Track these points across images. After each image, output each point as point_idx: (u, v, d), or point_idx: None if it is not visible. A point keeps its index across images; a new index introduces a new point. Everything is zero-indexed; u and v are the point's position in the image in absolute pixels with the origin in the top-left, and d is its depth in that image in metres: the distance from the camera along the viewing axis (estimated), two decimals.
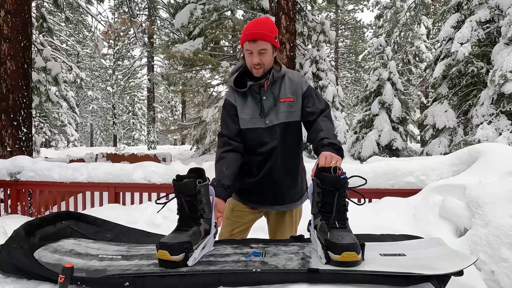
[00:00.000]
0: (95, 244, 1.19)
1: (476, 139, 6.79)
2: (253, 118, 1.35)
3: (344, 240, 0.90)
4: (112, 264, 1.01)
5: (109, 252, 1.12)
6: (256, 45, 1.26)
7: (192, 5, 7.56)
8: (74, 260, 1.05)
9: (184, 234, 0.99)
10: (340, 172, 0.99)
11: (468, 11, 8.23)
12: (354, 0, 22.41)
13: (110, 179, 3.47)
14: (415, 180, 2.99)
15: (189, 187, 1.02)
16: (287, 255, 1.03)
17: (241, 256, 1.04)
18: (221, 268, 0.95)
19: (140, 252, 1.12)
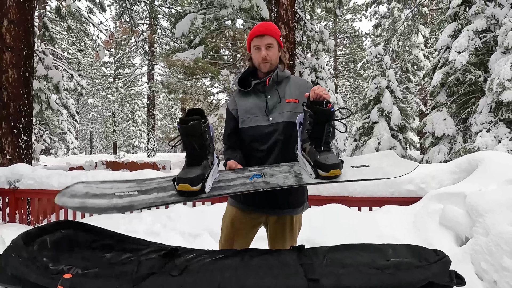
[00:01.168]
0: (105, 184, 1.23)
1: (476, 147, 6.80)
2: (255, 116, 1.38)
3: (330, 160, 1.11)
4: (135, 199, 1.09)
5: (123, 189, 1.19)
6: (264, 39, 1.35)
7: (192, 15, 7.67)
8: (97, 201, 1.11)
9: (197, 169, 1.12)
10: (331, 106, 1.13)
11: (465, 20, 8.36)
12: (352, 10, 22.76)
13: None
14: (415, 188, 2.98)
15: (196, 129, 1.11)
16: (282, 175, 1.21)
17: (245, 179, 1.20)
18: (235, 190, 1.13)
19: (152, 186, 1.20)
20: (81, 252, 1.22)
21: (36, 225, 3.58)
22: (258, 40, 1.36)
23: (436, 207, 2.46)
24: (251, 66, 1.46)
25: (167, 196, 1.11)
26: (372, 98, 10.13)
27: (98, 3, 6.73)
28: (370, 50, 10.45)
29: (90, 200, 1.13)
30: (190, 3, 12.87)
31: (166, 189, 1.16)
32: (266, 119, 1.37)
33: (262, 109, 1.38)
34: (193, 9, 8.09)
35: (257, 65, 1.41)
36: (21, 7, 4.86)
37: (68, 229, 1.26)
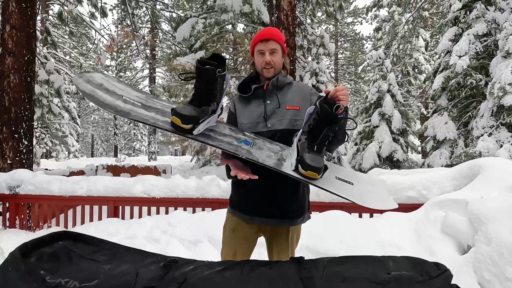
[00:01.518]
0: (119, 84, 1.33)
1: (477, 151, 6.78)
2: (254, 122, 1.37)
3: (313, 163, 1.11)
4: (134, 109, 1.19)
5: (131, 96, 1.27)
6: (268, 44, 1.35)
7: (193, 19, 7.71)
8: (104, 95, 1.21)
9: (196, 110, 1.16)
10: (340, 111, 1.11)
11: (465, 24, 8.37)
12: (353, 13, 22.83)
13: (110, 192, 3.45)
14: (417, 195, 2.96)
15: (209, 74, 1.13)
16: (268, 152, 1.23)
17: (234, 140, 1.25)
18: (217, 145, 1.20)
19: (156, 106, 1.27)
20: (79, 264, 1.20)
21: (36, 230, 3.57)
22: (262, 45, 1.36)
23: (437, 214, 2.44)
24: (254, 72, 1.45)
25: (161, 120, 1.18)
26: (373, 101, 10.12)
27: (100, 8, 6.78)
28: (371, 54, 10.46)
29: (99, 92, 1.23)
30: (192, 7, 12.94)
31: (165, 114, 1.22)
32: (264, 125, 1.35)
33: (261, 114, 1.36)
34: (194, 14, 8.13)
35: (259, 70, 1.39)
36: (24, 12, 4.89)
37: (67, 240, 1.25)
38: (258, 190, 1.37)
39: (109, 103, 1.18)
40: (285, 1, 5.44)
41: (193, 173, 8.45)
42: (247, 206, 1.42)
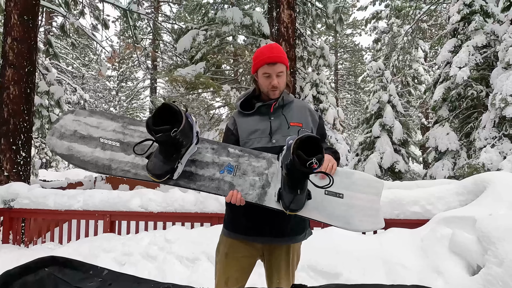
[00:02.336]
0: (92, 119, 1.29)
1: (480, 163, 6.69)
2: (258, 137, 1.35)
3: (290, 204, 1.10)
4: (114, 157, 1.21)
5: (108, 133, 1.26)
6: (275, 67, 1.34)
7: (194, 31, 7.77)
8: (81, 148, 1.22)
9: (166, 163, 1.14)
10: (315, 166, 1.02)
11: (465, 36, 8.42)
12: (352, 25, 23.11)
13: (107, 206, 3.37)
14: (421, 210, 2.88)
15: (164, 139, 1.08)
16: (253, 177, 1.22)
17: (216, 171, 1.24)
18: (198, 187, 1.20)
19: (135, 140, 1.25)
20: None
21: (30, 246, 3.48)
22: (269, 68, 1.33)
23: (444, 232, 2.35)
24: (257, 90, 1.43)
25: (141, 166, 1.19)
26: (373, 112, 10.11)
27: (102, 21, 6.84)
28: (371, 65, 10.52)
29: (76, 145, 1.23)
30: (193, 19, 13.12)
31: (144, 150, 1.19)
32: (268, 141, 1.34)
33: (266, 131, 1.35)
34: (195, 26, 8.21)
35: (265, 92, 1.39)
36: (25, 25, 4.92)
37: (54, 266, 1.17)
38: (254, 207, 1.29)
39: (89, 159, 1.20)
40: (285, 13, 5.50)
41: None
42: (243, 225, 1.35)
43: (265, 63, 1.33)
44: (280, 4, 5.38)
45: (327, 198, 1.20)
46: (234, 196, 1.17)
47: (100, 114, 1.32)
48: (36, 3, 5.10)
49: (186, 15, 15.30)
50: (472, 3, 8.15)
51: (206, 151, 1.28)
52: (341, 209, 1.19)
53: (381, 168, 9.27)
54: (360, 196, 1.21)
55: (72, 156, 1.21)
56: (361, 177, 1.26)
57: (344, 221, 1.17)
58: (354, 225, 1.17)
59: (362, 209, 1.19)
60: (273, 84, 1.34)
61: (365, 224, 1.18)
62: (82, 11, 7.00)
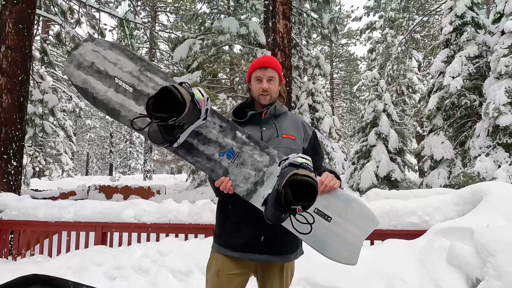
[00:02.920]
0: (112, 53, 1.24)
1: (475, 171, 6.72)
2: None
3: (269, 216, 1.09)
4: (125, 103, 1.18)
5: (125, 74, 1.22)
6: (266, 71, 1.35)
7: (191, 40, 7.81)
8: (96, 83, 1.19)
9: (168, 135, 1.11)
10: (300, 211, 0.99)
11: (457, 46, 8.57)
12: (347, 35, 23.49)
13: (99, 218, 3.29)
14: (418, 220, 2.85)
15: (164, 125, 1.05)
16: (249, 171, 1.18)
17: (216, 152, 1.19)
18: (194, 161, 1.18)
19: (149, 88, 1.21)
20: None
21: (18, 259, 3.36)
22: (260, 72, 1.36)
23: (442, 243, 2.32)
24: (250, 98, 1.44)
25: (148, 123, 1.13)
26: (369, 121, 10.17)
27: (98, 29, 6.85)
28: (366, 74, 10.63)
29: (92, 80, 1.20)
30: (190, 28, 13.22)
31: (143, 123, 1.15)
32: None
33: None
34: (191, 35, 8.26)
35: (256, 96, 1.38)
36: (20, 33, 4.90)
37: (36, 285, 1.11)
38: (246, 222, 1.27)
39: (102, 98, 1.18)
40: (281, 23, 5.55)
41: (188, 194, 8.26)
42: (234, 241, 1.30)
43: (257, 68, 1.36)
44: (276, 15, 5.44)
45: (316, 217, 1.16)
46: (225, 183, 1.15)
47: (120, 49, 1.25)
48: (31, 12, 5.09)
49: (183, 25, 15.43)
50: (463, 15, 8.33)
51: (214, 127, 1.23)
52: (322, 232, 1.15)
53: (377, 177, 9.27)
54: (347, 227, 1.16)
55: (87, 90, 1.19)
56: (358, 207, 1.19)
57: (321, 245, 1.14)
58: (328, 253, 1.14)
59: (343, 241, 1.15)
60: (263, 87, 1.33)
61: (339, 256, 1.15)
62: (78, 20, 7.01)
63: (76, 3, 6.96)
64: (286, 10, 5.37)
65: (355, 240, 1.17)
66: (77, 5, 6.87)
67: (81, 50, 1.23)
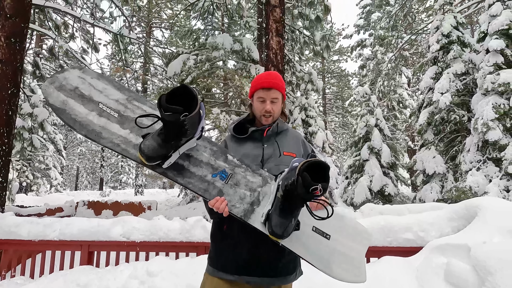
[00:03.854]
0: (99, 82, 1.20)
1: (467, 186, 6.78)
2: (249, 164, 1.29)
3: (277, 228, 1.03)
4: (107, 126, 1.11)
5: (110, 101, 1.17)
6: (270, 93, 1.31)
7: (185, 56, 7.88)
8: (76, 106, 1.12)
9: (162, 147, 1.06)
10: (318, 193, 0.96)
11: (444, 64, 8.85)
12: (338, 52, 24.11)
13: (85, 236, 3.15)
14: (414, 237, 2.81)
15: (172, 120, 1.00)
16: (244, 191, 1.15)
17: (209, 173, 1.16)
18: (186, 183, 1.12)
19: (134, 116, 1.16)
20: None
21: None
22: (263, 93, 1.32)
23: (439, 261, 2.28)
24: (251, 114, 1.41)
25: (133, 144, 1.11)
26: (361, 136, 10.27)
27: (92, 44, 6.86)
28: (358, 90, 10.84)
29: (72, 102, 1.13)
30: (184, 44, 13.39)
31: (142, 131, 1.11)
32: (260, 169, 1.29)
33: (258, 158, 1.30)
34: (186, 51, 8.34)
35: (258, 116, 1.36)
36: (12, 47, 4.86)
37: None
38: (243, 243, 1.23)
39: (81, 119, 1.11)
40: (274, 40, 5.67)
41: (180, 209, 8.08)
42: (230, 263, 1.24)
43: (261, 88, 1.32)
44: (269, 32, 5.57)
45: (314, 236, 1.14)
46: (219, 202, 1.09)
47: (109, 80, 1.23)
48: (24, 26, 5.08)
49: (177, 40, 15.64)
50: (449, 34, 8.65)
51: (205, 150, 1.21)
52: (325, 251, 1.12)
53: (371, 191, 9.26)
54: (347, 243, 1.15)
55: (64, 111, 1.11)
56: (350, 223, 1.21)
57: (325, 264, 1.10)
58: (334, 271, 1.10)
59: (346, 257, 1.14)
60: (266, 109, 1.31)
61: (345, 274, 1.11)
62: (72, 35, 7.02)
63: (70, 18, 6.99)
64: (279, 28, 5.50)
65: (358, 255, 1.15)
66: (71, 20, 6.90)
67: (67, 74, 1.21)
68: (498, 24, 6.96)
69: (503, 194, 6.16)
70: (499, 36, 7.03)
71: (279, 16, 5.49)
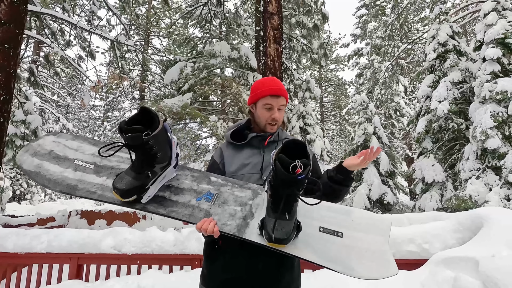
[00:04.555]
0: (74, 142, 1.22)
1: (467, 195, 6.70)
2: (248, 173, 1.21)
3: (274, 232, 0.92)
4: (83, 178, 1.11)
5: (85, 156, 1.18)
6: (279, 100, 1.26)
7: (182, 63, 7.84)
8: (51, 167, 1.13)
9: (136, 179, 1.01)
10: (299, 171, 0.84)
11: (441, 72, 8.88)
12: (335, 61, 24.34)
13: (74, 248, 3.01)
14: (418, 249, 2.70)
15: (135, 142, 0.96)
16: (234, 207, 1.07)
17: (193, 198, 1.09)
18: (169, 213, 1.05)
19: (110, 165, 1.16)
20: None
21: None
22: (272, 100, 1.25)
23: (445, 275, 2.17)
24: (252, 121, 1.34)
25: (109, 190, 1.07)
26: (359, 143, 10.22)
27: (88, 51, 6.81)
28: (356, 98, 10.84)
29: (47, 164, 1.14)
30: (183, 52, 13.41)
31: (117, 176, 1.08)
32: (259, 177, 1.21)
33: (257, 165, 1.23)
34: (183, 58, 8.31)
35: (262, 124, 1.28)
36: (6, 53, 4.78)
37: None
38: (239, 260, 1.13)
39: (56, 178, 1.11)
40: (272, 47, 5.65)
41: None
42: (226, 282, 1.14)
43: (268, 95, 1.25)
44: (267, 39, 5.55)
45: (323, 237, 1.03)
46: (207, 223, 1.00)
47: (83, 139, 1.26)
48: (19, 32, 5.01)
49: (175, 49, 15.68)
50: (446, 43, 8.72)
51: (185, 178, 1.16)
52: (340, 251, 1.01)
53: (369, 200, 9.15)
54: (363, 237, 1.03)
55: (38, 173, 1.12)
56: (361, 215, 1.09)
57: (344, 265, 0.99)
58: (357, 271, 0.98)
59: (366, 252, 1.02)
60: (273, 116, 1.25)
61: (371, 271, 0.99)
62: (69, 42, 6.97)
63: (67, 25, 6.95)
64: (277, 35, 5.49)
65: (379, 246, 1.03)
66: (68, 27, 6.86)
67: (41, 141, 1.23)
68: (494, 33, 7.02)
69: (503, 203, 6.09)
70: (495, 45, 7.08)
71: (277, 24, 5.49)
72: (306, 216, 1.02)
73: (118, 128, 0.96)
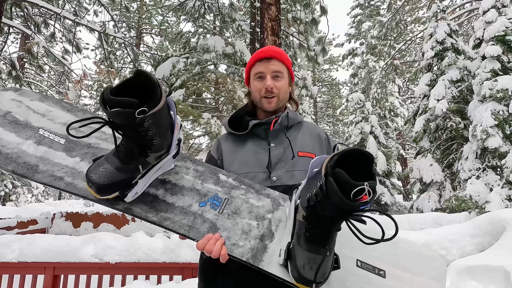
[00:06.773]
0: (42, 105, 0.91)
1: (467, 195, 6.55)
2: (251, 172, 0.93)
3: (306, 271, 0.67)
4: (47, 156, 0.83)
5: (55, 125, 0.89)
6: (270, 64, 0.97)
7: (174, 58, 7.52)
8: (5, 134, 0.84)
9: (120, 171, 0.72)
10: (366, 198, 0.59)
11: (439, 71, 8.77)
12: (329, 61, 24.30)
13: (50, 257, 2.68)
14: None
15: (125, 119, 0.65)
16: (247, 220, 0.82)
17: (195, 202, 0.83)
18: (161, 220, 0.78)
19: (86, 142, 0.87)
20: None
21: None
22: (262, 66, 0.97)
23: (471, 286, 1.92)
24: (250, 105, 1.05)
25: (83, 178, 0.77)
26: (356, 143, 10.05)
27: (74, 43, 6.43)
28: (352, 96, 10.67)
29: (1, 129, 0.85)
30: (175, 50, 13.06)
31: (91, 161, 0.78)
32: (266, 178, 0.94)
33: (263, 162, 0.95)
34: (175, 54, 7.99)
35: (258, 100, 0.99)
36: None
37: None
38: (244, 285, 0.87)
39: (9, 151, 0.81)
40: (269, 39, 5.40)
41: None
42: None
43: (257, 60, 0.97)
44: (264, 30, 5.31)
45: (361, 274, 0.77)
46: (212, 242, 0.73)
47: (56, 101, 0.94)
48: None
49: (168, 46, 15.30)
50: (443, 41, 8.60)
51: (187, 172, 0.88)
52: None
53: None
54: (412, 279, 0.77)
55: None
56: (409, 247, 0.82)
57: None
58: None
59: None
60: (266, 85, 0.95)
61: None
62: (53, 34, 6.57)
63: (52, 16, 6.55)
64: (274, 26, 5.25)
65: None
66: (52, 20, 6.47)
67: (3, 92, 0.93)
68: (494, 30, 6.90)
69: (505, 203, 5.95)
70: (495, 42, 6.97)
71: (274, 15, 5.24)
72: (340, 242, 0.74)
73: (100, 97, 0.64)
